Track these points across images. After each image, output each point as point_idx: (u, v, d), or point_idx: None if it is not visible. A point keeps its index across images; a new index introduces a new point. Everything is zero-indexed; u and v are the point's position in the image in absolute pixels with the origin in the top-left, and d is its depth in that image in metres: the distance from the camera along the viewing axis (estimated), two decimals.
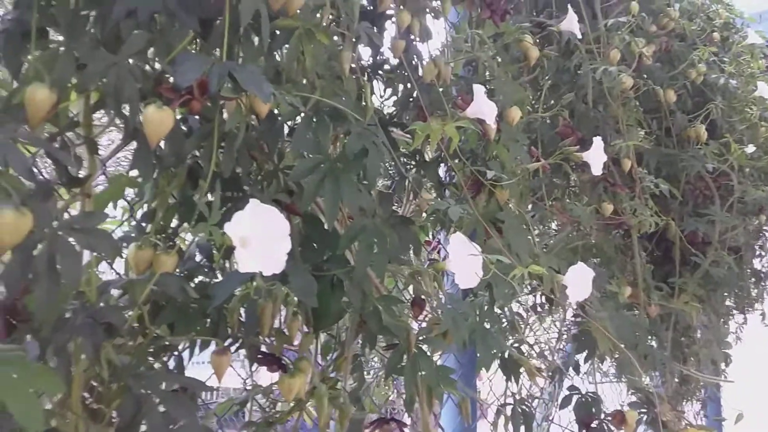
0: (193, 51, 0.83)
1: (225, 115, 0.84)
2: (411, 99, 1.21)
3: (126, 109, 0.73)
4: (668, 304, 1.81)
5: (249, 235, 0.72)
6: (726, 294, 2.07)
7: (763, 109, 1.96)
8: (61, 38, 0.72)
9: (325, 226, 0.97)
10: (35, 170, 0.72)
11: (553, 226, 1.88)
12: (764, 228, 2.17)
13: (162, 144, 0.81)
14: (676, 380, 2.08)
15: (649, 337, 1.76)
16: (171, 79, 0.75)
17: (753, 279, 2.18)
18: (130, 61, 0.72)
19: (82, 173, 0.77)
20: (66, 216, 0.74)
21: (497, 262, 1.00)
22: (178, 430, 0.76)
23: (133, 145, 0.79)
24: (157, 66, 0.77)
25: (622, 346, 1.41)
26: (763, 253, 2.23)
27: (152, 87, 0.74)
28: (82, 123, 0.76)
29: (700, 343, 1.96)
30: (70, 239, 0.66)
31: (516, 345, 1.30)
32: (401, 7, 1.09)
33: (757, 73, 2.02)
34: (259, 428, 0.97)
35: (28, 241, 0.63)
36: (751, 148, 1.84)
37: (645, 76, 1.68)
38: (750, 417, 1.92)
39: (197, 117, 0.87)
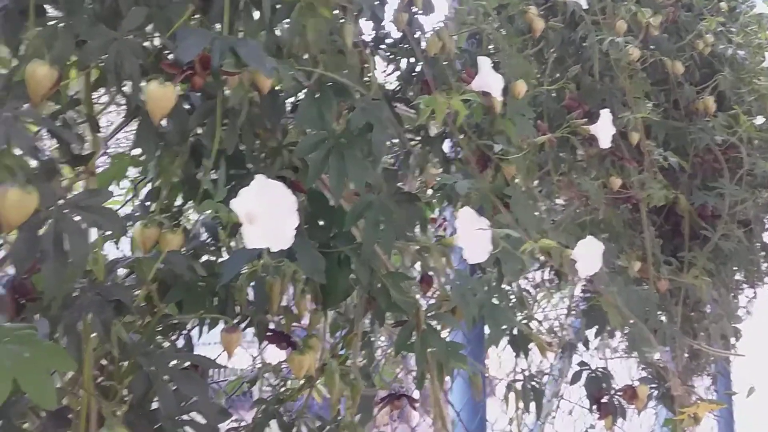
0: (192, 25, 0.82)
1: (227, 92, 0.84)
2: (414, 74, 1.20)
3: (127, 86, 0.72)
4: (678, 278, 1.79)
5: (255, 210, 0.72)
6: (736, 268, 2.05)
7: None
8: (59, 15, 0.71)
9: (331, 203, 0.96)
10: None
11: (560, 202, 1.86)
12: None
13: (165, 122, 0.80)
14: (686, 355, 2.08)
15: (659, 312, 1.75)
16: (171, 55, 0.74)
17: (763, 253, 2.16)
18: (131, 37, 0.71)
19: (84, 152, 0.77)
20: (70, 195, 0.73)
21: (506, 237, 0.99)
22: (189, 407, 0.76)
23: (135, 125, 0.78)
24: (157, 42, 0.76)
25: (631, 322, 1.40)
26: None
27: (153, 63, 0.73)
28: (83, 101, 0.76)
29: (710, 318, 1.95)
30: (76, 217, 0.66)
31: (525, 321, 1.29)
32: None
33: (765, 44, 1.99)
34: (269, 406, 0.98)
35: (33, 219, 0.63)
36: (760, 120, 1.82)
37: (652, 47, 1.65)
38: (761, 391, 1.91)
39: (199, 94, 0.87)
